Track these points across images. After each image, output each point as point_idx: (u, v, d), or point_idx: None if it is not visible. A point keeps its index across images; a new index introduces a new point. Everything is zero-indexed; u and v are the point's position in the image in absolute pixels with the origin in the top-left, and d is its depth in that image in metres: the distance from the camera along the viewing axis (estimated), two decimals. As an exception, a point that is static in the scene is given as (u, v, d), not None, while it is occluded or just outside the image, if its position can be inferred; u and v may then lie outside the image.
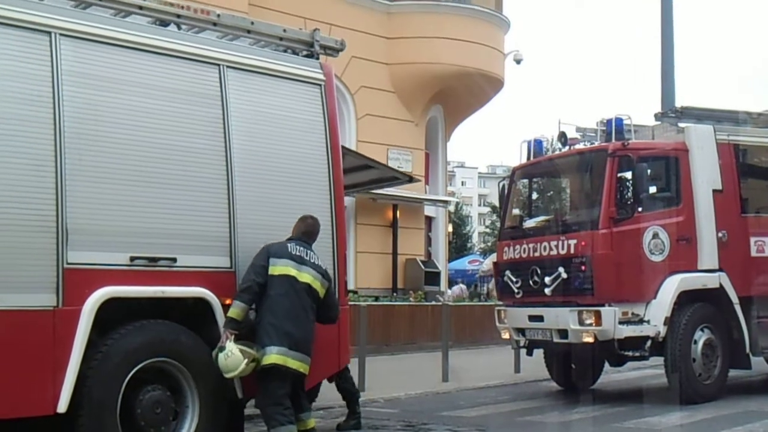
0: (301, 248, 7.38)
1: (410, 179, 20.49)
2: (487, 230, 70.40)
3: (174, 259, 6.79)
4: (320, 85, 8.08)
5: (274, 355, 7.02)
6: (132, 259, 6.57)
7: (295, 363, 7.09)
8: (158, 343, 6.60)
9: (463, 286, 30.11)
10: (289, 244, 7.36)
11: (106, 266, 6.43)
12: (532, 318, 11.57)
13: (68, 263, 6.21)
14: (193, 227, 6.98)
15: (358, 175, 18.32)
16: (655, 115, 12.66)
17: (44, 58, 6.34)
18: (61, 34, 6.44)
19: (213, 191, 7.15)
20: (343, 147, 8.94)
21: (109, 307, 6.32)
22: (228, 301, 7.01)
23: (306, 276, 7.29)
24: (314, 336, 7.30)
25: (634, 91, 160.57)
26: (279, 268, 7.21)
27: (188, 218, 6.96)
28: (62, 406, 6.02)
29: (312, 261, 7.38)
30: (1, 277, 5.91)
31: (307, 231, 7.52)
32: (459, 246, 57.99)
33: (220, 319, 6.90)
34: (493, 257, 17.73)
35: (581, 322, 10.77)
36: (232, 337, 6.84)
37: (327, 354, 7.77)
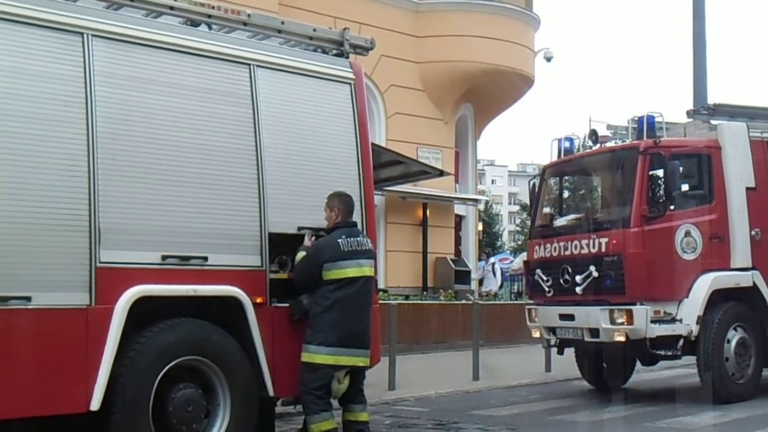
0: (351, 238, 7.41)
1: (440, 173, 20.52)
2: (517, 229, 70.18)
3: (205, 258, 6.82)
4: (350, 83, 8.08)
5: (323, 356, 7.15)
6: (164, 257, 6.61)
7: (350, 360, 7.25)
8: (190, 342, 6.64)
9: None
10: (339, 241, 7.34)
11: (138, 265, 6.47)
12: (563, 317, 11.52)
13: (101, 262, 6.25)
14: (224, 226, 7.01)
15: (387, 171, 18.39)
16: (688, 113, 12.55)
17: (77, 59, 6.39)
18: (93, 35, 6.49)
19: (244, 190, 7.17)
20: (372, 143, 8.94)
21: (141, 305, 6.36)
22: (259, 300, 7.05)
23: (365, 268, 7.41)
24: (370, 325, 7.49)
25: (666, 89, 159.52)
26: (336, 272, 7.28)
27: (219, 217, 6.99)
28: (95, 404, 6.06)
29: (364, 248, 7.45)
30: (35, 276, 5.97)
31: (350, 210, 7.56)
32: (489, 244, 57.82)
33: (251, 317, 6.93)
34: (524, 256, 17.66)
35: (613, 321, 10.71)
36: None
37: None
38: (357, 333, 7.29)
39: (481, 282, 25.04)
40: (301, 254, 7.38)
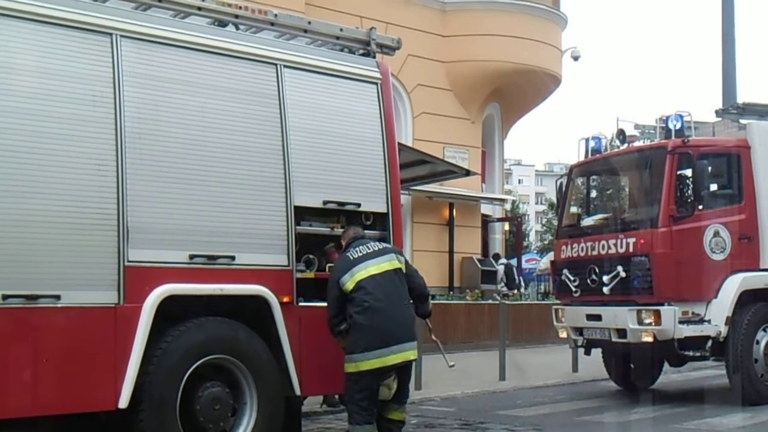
0: (360, 246, 7.41)
1: (467, 173, 20.47)
2: (544, 228, 69.93)
3: (232, 257, 6.85)
4: (377, 83, 8.09)
5: (371, 361, 7.11)
6: (191, 257, 6.64)
7: (399, 356, 7.19)
8: (217, 340, 6.67)
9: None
10: (348, 254, 7.37)
11: (166, 264, 6.51)
12: (590, 317, 11.47)
13: (129, 261, 6.30)
14: (252, 225, 7.04)
15: (414, 170, 18.38)
16: (716, 112, 12.47)
17: (105, 60, 6.44)
18: (121, 36, 6.53)
19: (271, 189, 7.20)
20: (399, 143, 8.95)
21: (168, 304, 6.40)
22: (286, 299, 7.06)
23: (383, 264, 7.36)
24: (413, 318, 7.53)
25: (694, 88, 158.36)
26: (356, 276, 7.24)
27: (246, 216, 7.02)
28: (123, 402, 6.11)
29: (374, 249, 7.42)
30: (65, 275, 6.02)
31: (355, 237, 7.54)
32: (515, 244, 57.62)
33: (278, 316, 6.95)
34: (550, 256, 17.60)
35: (640, 322, 10.66)
36: None
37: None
38: (398, 328, 7.22)
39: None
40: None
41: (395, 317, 7.23)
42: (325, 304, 7.36)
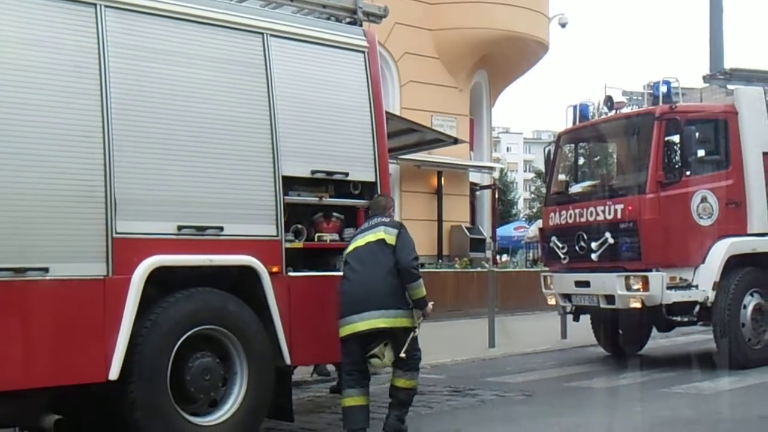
0: (367, 222, 7.61)
1: (455, 141, 20.45)
2: (533, 196, 70.03)
3: (221, 228, 6.84)
4: (364, 52, 8.05)
5: (342, 328, 7.23)
6: (179, 228, 6.62)
7: (364, 324, 7.17)
8: (207, 311, 6.67)
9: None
10: (357, 231, 7.61)
11: (155, 235, 6.49)
12: (578, 284, 11.53)
13: (117, 233, 6.27)
14: (240, 196, 7.02)
15: (402, 139, 18.34)
16: (704, 78, 12.49)
17: (90, 30, 6.37)
18: (106, 6, 6.46)
19: (259, 160, 7.17)
20: (386, 112, 8.93)
21: (158, 275, 6.40)
22: (275, 269, 7.06)
23: (368, 237, 7.42)
24: (395, 287, 7.29)
25: (682, 54, 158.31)
26: (347, 249, 7.46)
27: (235, 187, 6.99)
28: (114, 374, 6.10)
29: (372, 224, 7.52)
30: (53, 247, 6.00)
31: (379, 206, 7.70)
32: (503, 212, 57.79)
33: (267, 286, 6.95)
34: (539, 223, 17.64)
35: (628, 288, 10.72)
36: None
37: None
38: (369, 296, 7.20)
39: None
40: None
41: (368, 285, 7.23)
42: (313, 274, 7.45)
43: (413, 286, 7.31)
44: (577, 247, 11.39)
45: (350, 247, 7.43)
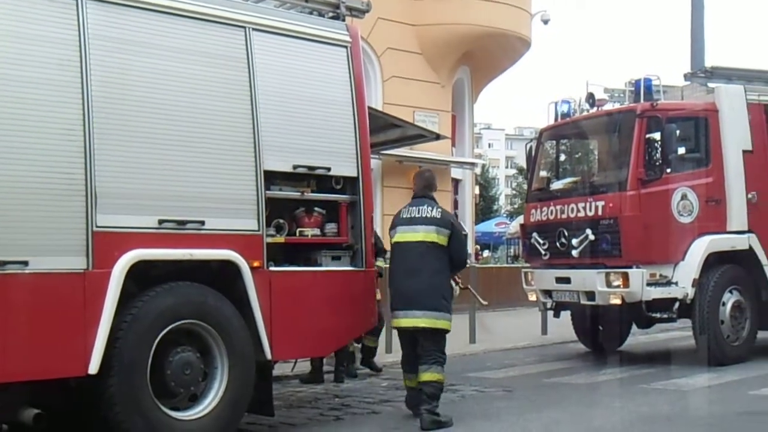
0: (415, 207, 7.93)
1: (437, 137, 20.42)
2: (514, 192, 70.19)
3: (202, 222, 6.82)
4: (346, 46, 8.03)
5: (393, 319, 7.98)
6: (160, 222, 6.60)
7: (408, 321, 7.74)
8: (187, 305, 6.65)
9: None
10: (404, 209, 8.05)
11: (135, 229, 6.46)
12: (559, 280, 11.57)
13: (97, 226, 6.24)
14: (221, 190, 6.99)
15: (384, 134, 18.30)
16: (685, 75, 12.53)
17: (71, 23, 6.33)
18: (87, -2, 6.43)
19: (240, 154, 7.15)
20: (368, 107, 8.92)
21: (138, 269, 6.37)
22: (256, 264, 7.05)
23: (419, 234, 7.78)
24: (438, 289, 7.78)
25: (663, 51, 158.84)
26: (394, 238, 7.98)
27: (216, 181, 6.97)
28: (93, 368, 6.08)
29: (424, 215, 7.83)
30: (33, 240, 5.96)
31: (427, 185, 8.17)
32: (485, 208, 57.90)
33: (248, 280, 6.94)
34: (520, 219, 17.66)
35: (609, 284, 10.76)
36: None
37: (354, 316, 7.85)
38: (410, 296, 7.69)
39: None
40: None
41: (413, 285, 7.69)
42: (294, 269, 7.47)
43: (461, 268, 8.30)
44: (558, 244, 11.42)
45: (397, 236, 7.91)
